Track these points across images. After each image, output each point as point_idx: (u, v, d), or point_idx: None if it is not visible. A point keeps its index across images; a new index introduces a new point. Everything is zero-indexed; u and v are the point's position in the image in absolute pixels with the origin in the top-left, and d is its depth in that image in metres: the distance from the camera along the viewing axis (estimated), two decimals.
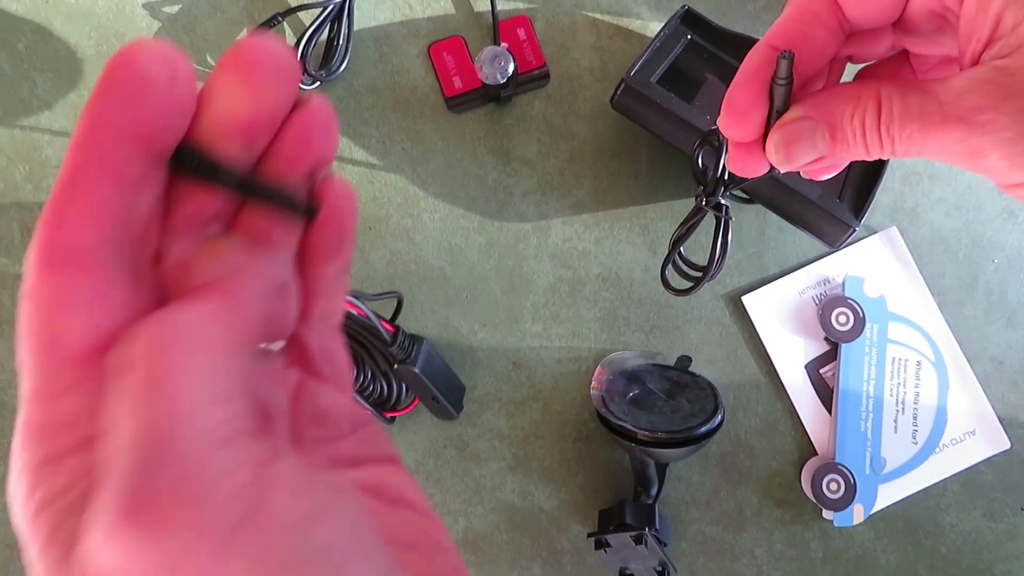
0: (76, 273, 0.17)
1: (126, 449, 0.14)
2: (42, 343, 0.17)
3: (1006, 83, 0.22)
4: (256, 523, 0.15)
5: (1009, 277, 0.55)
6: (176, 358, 0.15)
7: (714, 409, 0.50)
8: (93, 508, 0.15)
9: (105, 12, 0.56)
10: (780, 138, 0.26)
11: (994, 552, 0.54)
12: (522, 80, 0.54)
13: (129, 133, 0.16)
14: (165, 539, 0.14)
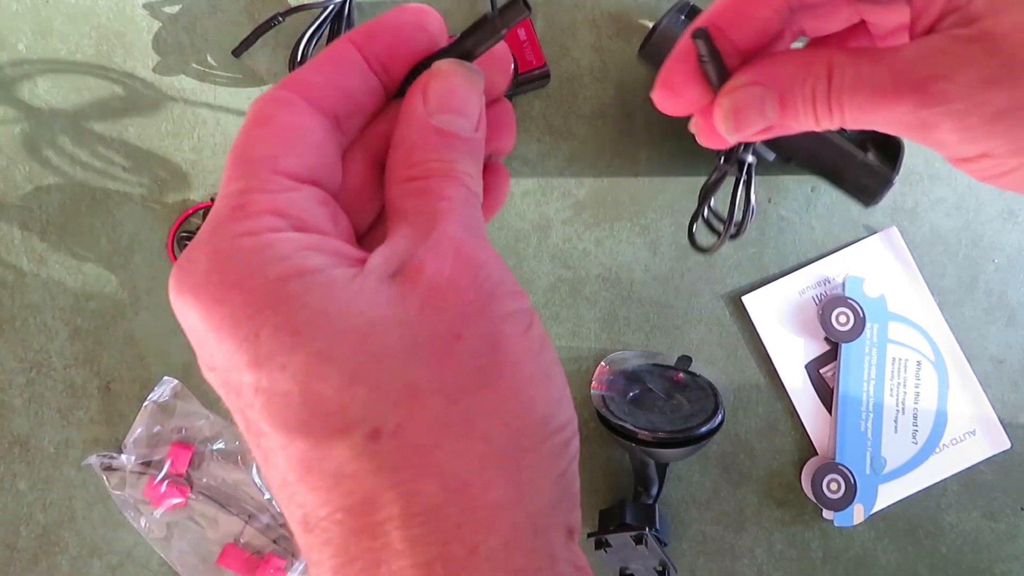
0: (312, 120, 0.21)
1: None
2: (267, 158, 0.20)
3: (958, 53, 0.22)
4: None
5: (1009, 277, 0.55)
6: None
7: (714, 409, 0.50)
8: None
9: (105, 12, 0.56)
10: (729, 105, 0.25)
11: (994, 552, 0.54)
12: (522, 80, 0.54)
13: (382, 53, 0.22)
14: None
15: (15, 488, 0.54)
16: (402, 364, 0.19)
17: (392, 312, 0.19)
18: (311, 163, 0.21)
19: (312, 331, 0.18)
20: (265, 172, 0.20)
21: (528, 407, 0.20)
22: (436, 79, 0.22)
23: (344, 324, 0.19)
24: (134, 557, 0.54)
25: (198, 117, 0.56)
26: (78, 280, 0.55)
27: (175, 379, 0.54)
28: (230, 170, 0.21)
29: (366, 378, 0.18)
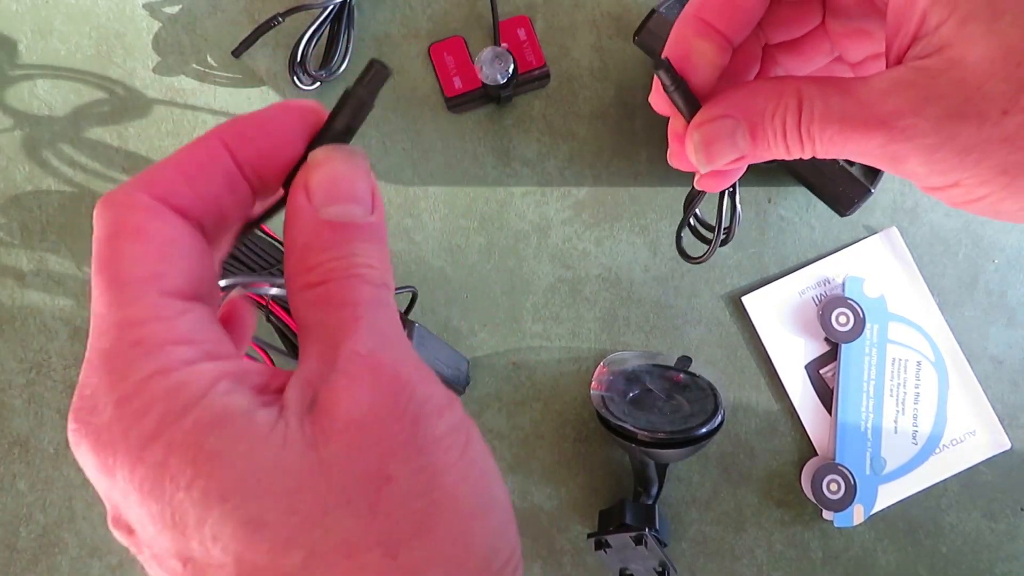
0: (183, 230, 0.20)
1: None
2: (150, 278, 0.19)
3: (927, 86, 0.22)
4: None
5: (1009, 277, 0.55)
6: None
7: (714, 409, 0.50)
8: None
9: (105, 12, 0.56)
10: (699, 138, 0.25)
11: (994, 552, 0.54)
12: (522, 80, 0.54)
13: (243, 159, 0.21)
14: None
15: (15, 488, 0.54)
16: (335, 520, 0.17)
17: (315, 459, 0.17)
18: (195, 279, 0.19)
19: (240, 495, 0.17)
20: (152, 295, 0.18)
21: (471, 548, 0.18)
22: (315, 170, 0.20)
23: (270, 483, 0.17)
24: (134, 557, 0.54)
25: (198, 117, 0.56)
26: (78, 280, 0.55)
27: None
28: (106, 294, 0.18)
29: (302, 541, 0.17)
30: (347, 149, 0.21)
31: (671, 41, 0.26)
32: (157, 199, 0.19)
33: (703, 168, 0.26)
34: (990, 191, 0.22)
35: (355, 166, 0.21)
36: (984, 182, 0.22)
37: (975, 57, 0.21)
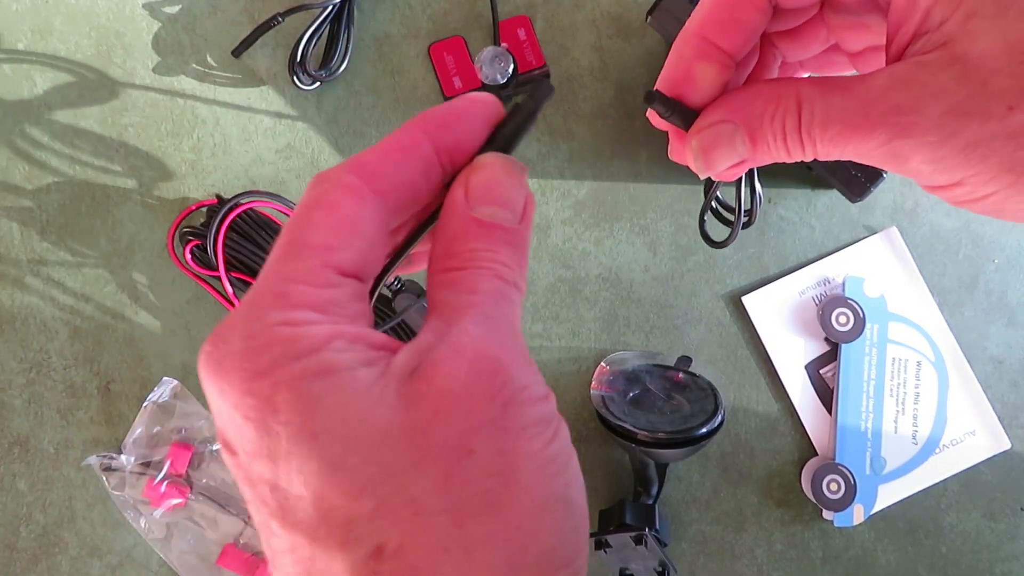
0: (373, 212, 0.21)
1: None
2: (324, 249, 0.20)
3: (929, 82, 0.21)
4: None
5: (1009, 277, 0.55)
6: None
7: (714, 409, 0.50)
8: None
9: (105, 12, 0.56)
10: (699, 144, 0.25)
11: (994, 552, 0.54)
12: (522, 80, 0.54)
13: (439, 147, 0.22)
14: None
15: (15, 488, 0.54)
16: (410, 479, 0.18)
17: (405, 420, 0.18)
18: (362, 258, 0.21)
19: (328, 437, 0.18)
20: (316, 262, 0.20)
21: (533, 538, 0.19)
22: (478, 172, 0.22)
23: (358, 432, 0.18)
24: (134, 557, 0.54)
25: (198, 117, 0.56)
26: (78, 280, 0.55)
27: (175, 379, 0.54)
28: (283, 248, 0.20)
29: (374, 491, 0.18)
30: (509, 159, 0.22)
31: (671, 61, 0.26)
32: (360, 179, 0.21)
33: (703, 174, 0.26)
34: (995, 189, 0.22)
35: (513, 175, 0.22)
36: (989, 180, 0.22)
37: (980, 52, 0.21)
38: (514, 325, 0.21)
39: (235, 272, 0.51)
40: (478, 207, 0.21)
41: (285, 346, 0.19)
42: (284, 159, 0.56)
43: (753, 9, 0.25)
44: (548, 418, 0.20)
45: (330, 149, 0.56)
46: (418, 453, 0.18)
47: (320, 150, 0.56)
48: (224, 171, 0.55)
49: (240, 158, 0.55)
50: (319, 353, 0.19)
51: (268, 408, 0.18)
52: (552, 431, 0.20)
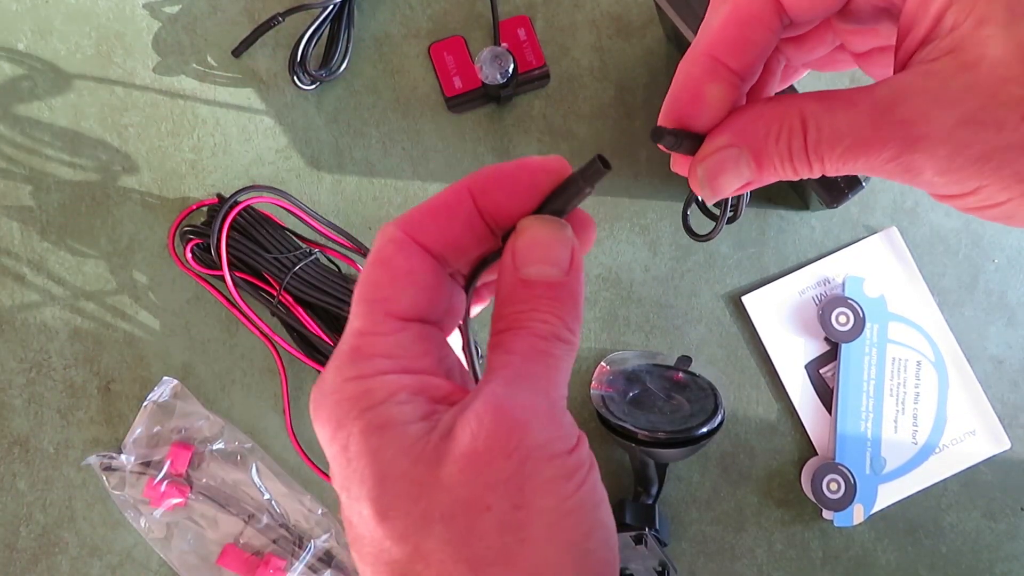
0: (420, 262, 0.23)
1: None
2: (380, 300, 0.23)
3: (938, 91, 0.21)
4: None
5: (1009, 277, 0.55)
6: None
7: (714, 409, 0.50)
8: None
9: (105, 12, 0.56)
10: (704, 173, 0.25)
11: (994, 552, 0.54)
12: (522, 80, 0.54)
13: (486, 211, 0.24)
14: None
15: (15, 488, 0.54)
16: (438, 530, 0.20)
17: (437, 476, 0.20)
18: (419, 303, 0.23)
19: (380, 489, 0.21)
20: (379, 314, 0.23)
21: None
22: (521, 235, 0.23)
23: (400, 486, 0.21)
24: (134, 557, 0.54)
25: (198, 117, 0.56)
26: (78, 280, 0.55)
27: (175, 379, 0.54)
28: (355, 306, 0.23)
29: (410, 538, 0.20)
30: (552, 220, 0.24)
31: (679, 80, 0.25)
32: (408, 235, 0.23)
33: (710, 200, 0.26)
34: (1008, 198, 0.22)
35: (555, 233, 0.23)
36: (1002, 190, 0.21)
37: (991, 59, 0.20)
38: (549, 379, 0.22)
39: (236, 271, 0.51)
40: (524, 268, 0.23)
41: (353, 401, 0.22)
42: (284, 159, 0.56)
43: (764, 28, 0.24)
44: (570, 472, 0.21)
45: (330, 149, 0.56)
46: (444, 507, 0.20)
47: (320, 150, 0.56)
48: (224, 171, 0.55)
49: (240, 158, 0.55)
50: (382, 406, 0.21)
51: (345, 454, 0.21)
52: (576, 483, 0.21)
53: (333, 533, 0.53)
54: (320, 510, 0.53)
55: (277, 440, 0.54)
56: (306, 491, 0.54)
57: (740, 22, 0.24)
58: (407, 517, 0.20)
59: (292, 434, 0.53)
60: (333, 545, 0.53)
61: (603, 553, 0.22)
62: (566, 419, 0.22)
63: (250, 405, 0.54)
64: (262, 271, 0.51)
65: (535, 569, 0.20)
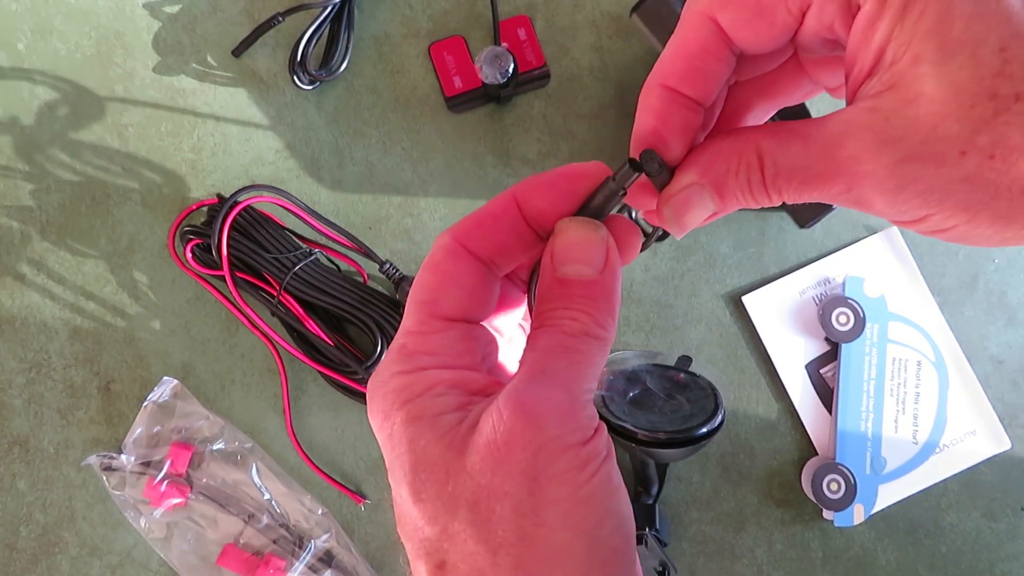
0: (467, 266, 0.26)
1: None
2: (427, 302, 0.25)
3: (882, 129, 0.22)
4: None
5: (1009, 277, 0.55)
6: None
7: (714, 409, 0.50)
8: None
9: (105, 12, 0.56)
10: (671, 211, 0.26)
11: (994, 552, 0.54)
12: (522, 80, 0.54)
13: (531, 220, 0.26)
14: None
15: (15, 488, 0.54)
16: (462, 513, 0.22)
17: (463, 464, 0.22)
18: (463, 304, 0.25)
19: (415, 471, 0.23)
20: (425, 314, 0.25)
21: (555, 571, 0.22)
22: (557, 236, 0.25)
23: (434, 471, 0.23)
24: (134, 557, 0.54)
25: (198, 117, 0.56)
26: (78, 280, 0.55)
27: (175, 379, 0.54)
28: (408, 307, 0.26)
29: (439, 519, 0.23)
30: (587, 221, 0.25)
31: (640, 114, 0.26)
32: (457, 241, 0.26)
33: (678, 236, 0.27)
34: (956, 224, 0.22)
35: (589, 234, 0.25)
36: (949, 217, 0.22)
37: (928, 97, 0.21)
38: (571, 374, 0.24)
39: (236, 271, 0.51)
40: (560, 267, 0.25)
41: (397, 393, 0.24)
42: (284, 159, 0.56)
43: (714, 59, 0.25)
44: (584, 462, 0.22)
45: (330, 149, 0.56)
46: (468, 492, 0.22)
47: (320, 150, 0.56)
48: (224, 171, 0.55)
49: (240, 158, 0.55)
50: (420, 398, 0.24)
51: (391, 440, 0.24)
52: (589, 472, 0.22)
53: (333, 533, 0.53)
54: (320, 510, 0.53)
55: (277, 440, 0.54)
56: (306, 491, 0.54)
57: (690, 54, 0.25)
58: (437, 500, 0.22)
59: (292, 434, 0.53)
60: (333, 545, 0.53)
61: (615, 540, 0.23)
62: (585, 411, 0.23)
63: (250, 405, 0.54)
64: (262, 271, 0.51)
65: (548, 552, 0.22)
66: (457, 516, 0.22)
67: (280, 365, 0.53)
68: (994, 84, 0.20)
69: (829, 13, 0.23)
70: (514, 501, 0.22)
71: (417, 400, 0.24)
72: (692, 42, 0.25)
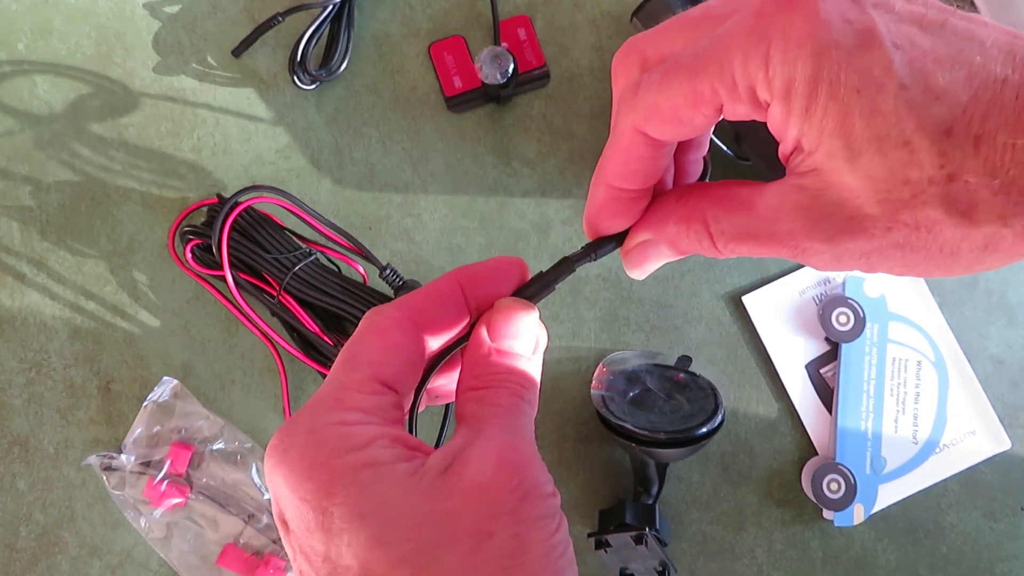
0: (412, 339, 0.27)
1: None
2: (372, 364, 0.26)
3: (812, 208, 0.23)
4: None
5: (1009, 277, 0.55)
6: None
7: (714, 409, 0.50)
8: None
9: (105, 12, 0.56)
10: (630, 262, 0.29)
11: (994, 552, 0.54)
12: (522, 80, 0.54)
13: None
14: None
15: (15, 488, 0.54)
16: (441, 554, 0.22)
17: (438, 506, 0.23)
18: (400, 374, 0.26)
19: (374, 516, 0.22)
20: (366, 375, 0.25)
21: None
22: (499, 312, 0.27)
23: (398, 514, 0.22)
24: (134, 557, 0.54)
25: (198, 117, 0.56)
26: (78, 280, 0.55)
27: (175, 379, 0.54)
28: (341, 362, 0.26)
29: (411, 562, 0.22)
30: (524, 302, 0.28)
31: (589, 202, 0.29)
32: (404, 314, 0.27)
33: (639, 278, 0.30)
34: (901, 273, 0.25)
35: (527, 317, 0.28)
36: (888, 271, 0.24)
37: (847, 187, 0.22)
38: (530, 433, 0.26)
39: (237, 271, 0.51)
40: (499, 340, 0.27)
41: (339, 442, 0.23)
42: (284, 159, 0.56)
43: (647, 160, 0.27)
44: (554, 512, 0.24)
45: (330, 149, 0.56)
46: (448, 534, 0.22)
47: (320, 150, 0.56)
48: (224, 171, 0.55)
49: (240, 158, 0.55)
50: (367, 449, 0.23)
51: (324, 492, 0.22)
52: (556, 523, 0.24)
53: None
54: None
55: None
56: None
57: (626, 160, 0.27)
58: (408, 543, 0.22)
59: None
60: None
61: None
62: (546, 469, 0.25)
63: (250, 405, 0.54)
64: (262, 271, 0.51)
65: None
66: (433, 558, 0.22)
67: (280, 365, 0.53)
68: (905, 172, 0.21)
69: (741, 112, 0.24)
70: (500, 542, 0.22)
71: (364, 450, 0.23)
72: (625, 150, 0.27)
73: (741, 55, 0.22)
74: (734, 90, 0.23)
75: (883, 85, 0.21)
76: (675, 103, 0.24)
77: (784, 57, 0.22)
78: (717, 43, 0.23)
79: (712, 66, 0.23)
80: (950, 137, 0.21)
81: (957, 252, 0.22)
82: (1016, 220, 0.21)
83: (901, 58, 0.21)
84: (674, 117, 0.25)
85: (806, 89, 0.22)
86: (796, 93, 0.22)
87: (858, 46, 0.21)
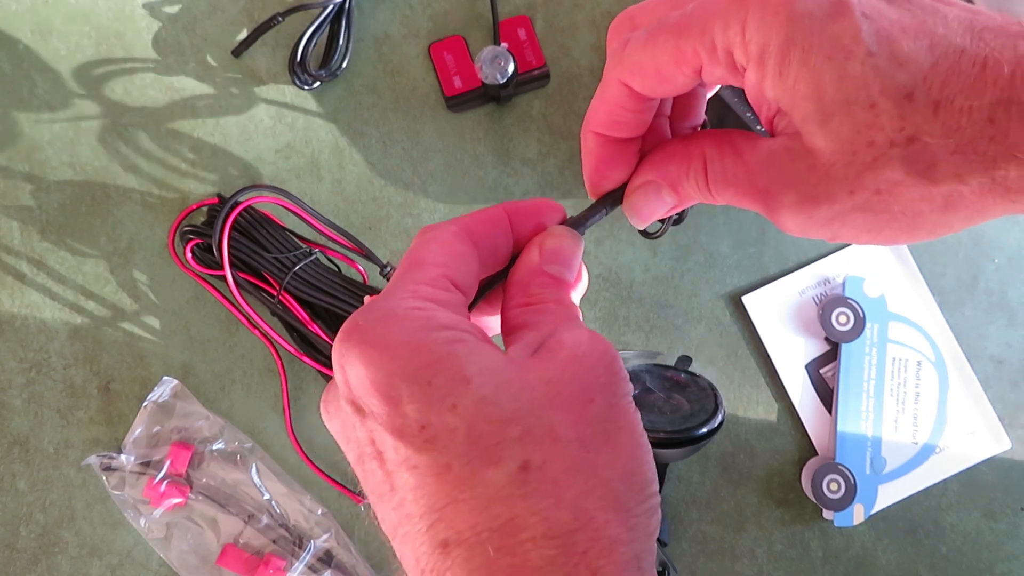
0: (471, 252, 0.28)
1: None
2: (440, 265, 0.26)
3: (788, 170, 0.25)
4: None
5: (1009, 277, 0.55)
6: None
7: (714, 409, 0.50)
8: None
9: (105, 12, 0.56)
10: (631, 205, 0.31)
11: (994, 552, 0.54)
12: (522, 80, 0.54)
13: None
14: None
15: (15, 488, 0.54)
16: (548, 414, 0.23)
17: (538, 374, 0.24)
18: (467, 280, 0.27)
19: (480, 380, 0.23)
20: (437, 272, 0.26)
21: (637, 468, 0.24)
22: (551, 238, 0.29)
23: (502, 379, 0.23)
24: (134, 557, 0.54)
25: (198, 117, 0.56)
26: (78, 280, 0.55)
27: (175, 379, 0.54)
28: (406, 267, 0.26)
29: (520, 421, 0.23)
30: (575, 234, 0.29)
31: (584, 157, 0.30)
32: (462, 230, 0.27)
33: (640, 225, 0.31)
34: (865, 239, 0.26)
35: (575, 246, 0.29)
36: (853, 237, 0.26)
37: (819, 150, 0.24)
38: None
39: (237, 271, 0.51)
40: (547, 264, 0.28)
41: (424, 321, 0.24)
42: (284, 159, 0.56)
43: (632, 111, 0.28)
44: (631, 392, 0.26)
45: (330, 149, 0.56)
46: (553, 398, 0.24)
47: (320, 150, 0.56)
48: (224, 171, 0.55)
49: (240, 158, 0.55)
50: (452, 330, 0.24)
51: (421, 362, 0.23)
52: (635, 404, 0.26)
53: (333, 533, 0.53)
54: (320, 510, 0.53)
55: (277, 440, 0.54)
56: (306, 491, 0.54)
57: (610, 110, 0.28)
58: (515, 402, 0.23)
59: (292, 434, 0.53)
60: (333, 545, 0.53)
61: (654, 465, 0.25)
62: None
63: (250, 405, 0.54)
64: (262, 271, 0.51)
65: (629, 449, 0.24)
66: (540, 418, 0.23)
67: (280, 365, 0.53)
68: (870, 134, 0.23)
69: (719, 75, 0.25)
70: (598, 408, 0.24)
71: (453, 329, 0.24)
72: (611, 101, 0.28)
73: (722, 20, 0.24)
74: (713, 53, 0.25)
75: (851, 52, 0.22)
76: (659, 61, 0.26)
77: (760, 24, 0.23)
78: (701, 8, 0.25)
79: (695, 28, 0.25)
80: (911, 101, 0.22)
81: (919, 214, 0.24)
82: (972, 177, 0.23)
83: (869, 27, 0.22)
84: (657, 73, 0.26)
85: (779, 53, 0.23)
86: (770, 57, 0.23)
87: (830, 15, 0.23)
